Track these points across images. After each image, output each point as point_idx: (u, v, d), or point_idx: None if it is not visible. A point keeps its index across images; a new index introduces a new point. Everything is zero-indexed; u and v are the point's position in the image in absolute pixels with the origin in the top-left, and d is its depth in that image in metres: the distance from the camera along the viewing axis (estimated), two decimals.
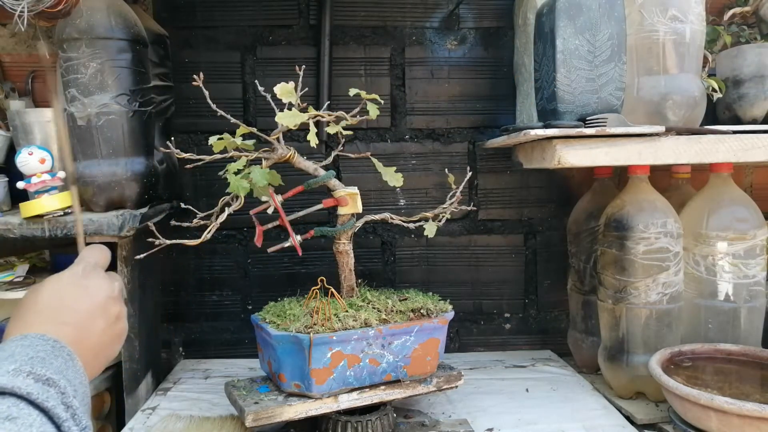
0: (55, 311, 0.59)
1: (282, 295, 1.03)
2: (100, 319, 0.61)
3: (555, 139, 0.92)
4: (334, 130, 0.94)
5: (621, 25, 0.95)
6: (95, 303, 0.62)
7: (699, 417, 0.84)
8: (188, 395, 1.09)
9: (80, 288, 0.62)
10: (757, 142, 0.95)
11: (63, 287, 0.62)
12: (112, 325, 0.63)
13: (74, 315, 0.59)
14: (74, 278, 0.63)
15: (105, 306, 0.63)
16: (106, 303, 0.63)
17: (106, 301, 0.63)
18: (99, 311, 0.62)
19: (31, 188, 0.96)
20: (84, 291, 0.62)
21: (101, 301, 0.62)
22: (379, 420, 0.90)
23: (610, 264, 1.05)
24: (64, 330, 0.56)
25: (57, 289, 0.61)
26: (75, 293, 0.61)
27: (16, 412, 0.44)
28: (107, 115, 0.97)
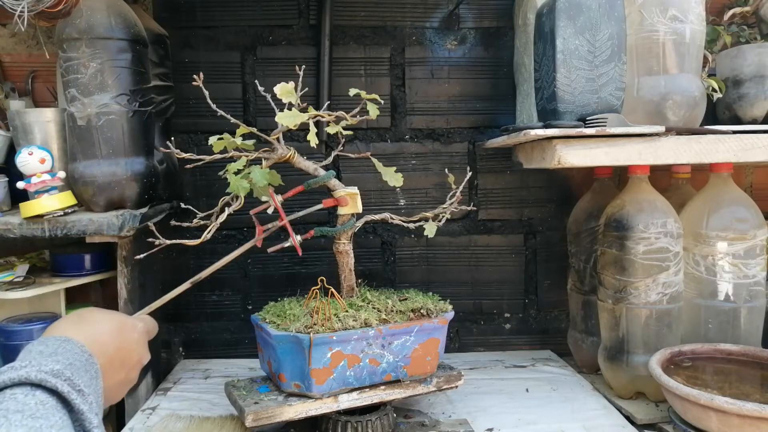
0: (105, 339, 0.65)
1: (282, 295, 1.04)
2: (124, 372, 0.68)
3: (555, 139, 0.92)
4: (334, 130, 0.94)
5: (621, 25, 0.95)
6: (131, 358, 0.69)
7: (699, 417, 0.84)
8: (188, 395, 1.09)
9: (131, 338, 0.70)
10: (757, 142, 0.95)
11: (121, 327, 0.69)
12: (124, 384, 0.70)
13: (113, 354, 0.65)
14: (133, 329, 0.71)
15: (133, 367, 0.70)
16: (136, 365, 0.71)
17: (136, 364, 0.71)
18: (128, 367, 0.69)
19: (31, 188, 0.96)
20: (132, 343, 0.70)
21: (135, 360, 0.70)
22: (379, 420, 0.90)
23: (610, 264, 1.05)
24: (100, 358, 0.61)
25: (115, 324, 0.68)
26: (126, 338, 0.69)
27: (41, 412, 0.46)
28: (107, 115, 0.97)
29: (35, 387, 0.48)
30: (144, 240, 0.94)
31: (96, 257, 1.12)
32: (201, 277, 0.88)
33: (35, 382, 0.48)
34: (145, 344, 0.74)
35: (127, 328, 0.69)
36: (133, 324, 0.72)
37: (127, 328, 0.69)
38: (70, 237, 0.97)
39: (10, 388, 0.48)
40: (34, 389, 0.48)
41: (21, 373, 0.48)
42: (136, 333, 0.71)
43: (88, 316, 0.67)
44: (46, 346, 0.55)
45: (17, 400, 0.46)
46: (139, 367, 0.71)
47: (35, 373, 0.48)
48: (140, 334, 0.72)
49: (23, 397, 0.47)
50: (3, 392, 0.48)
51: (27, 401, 0.46)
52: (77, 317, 0.66)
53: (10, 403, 0.46)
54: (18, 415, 0.44)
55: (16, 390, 0.47)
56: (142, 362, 0.72)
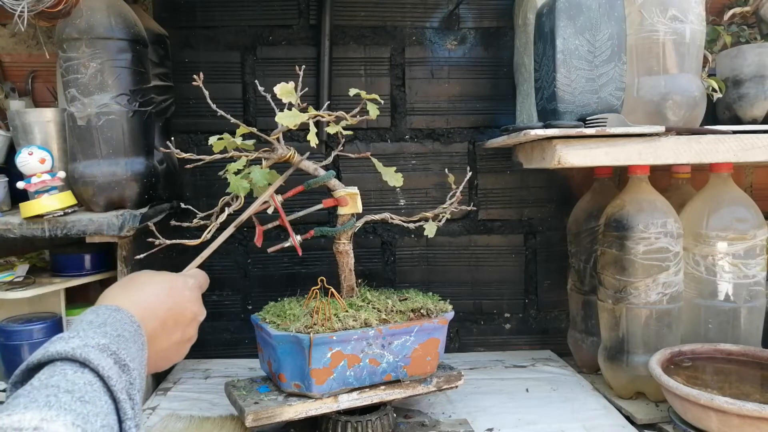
0: (155, 303, 0.64)
1: (282, 295, 1.04)
2: (179, 332, 0.67)
3: (555, 139, 0.92)
4: (334, 130, 0.94)
5: (621, 25, 0.95)
6: (184, 316, 0.67)
7: (699, 417, 0.84)
8: (188, 395, 1.09)
9: (182, 297, 0.68)
10: (757, 142, 0.95)
11: (171, 287, 0.67)
12: (182, 343, 0.68)
13: (165, 315, 0.64)
14: (184, 286, 0.69)
15: (189, 324, 0.68)
16: (191, 323, 0.69)
17: (191, 321, 0.69)
18: (182, 325, 0.67)
19: (31, 188, 0.96)
20: (183, 301, 0.68)
21: (189, 318, 0.68)
22: (379, 420, 0.90)
23: (610, 264, 1.05)
24: (150, 323, 0.61)
25: (165, 285, 0.67)
26: (176, 298, 0.67)
27: (90, 395, 0.45)
28: (107, 115, 0.97)
29: (83, 365, 0.47)
30: (144, 240, 0.94)
31: (96, 257, 1.12)
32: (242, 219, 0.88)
33: (80, 360, 0.47)
34: (199, 299, 0.72)
35: (177, 287, 0.68)
36: (183, 281, 0.70)
37: (178, 287, 0.68)
38: (70, 237, 0.97)
39: (60, 361, 0.48)
40: (83, 367, 0.47)
41: (68, 347, 0.48)
42: (187, 290, 0.70)
43: (137, 280, 0.66)
44: (96, 316, 0.55)
45: (67, 377, 0.46)
46: (196, 324, 0.70)
47: (81, 349, 0.48)
48: (191, 290, 0.71)
49: (72, 375, 0.46)
50: (53, 364, 0.47)
51: (76, 380, 0.46)
52: (127, 283, 0.66)
53: (60, 379, 0.46)
54: (68, 396, 0.44)
55: (66, 366, 0.47)
56: (198, 319, 0.70)
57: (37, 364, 0.48)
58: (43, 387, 0.44)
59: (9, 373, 1.04)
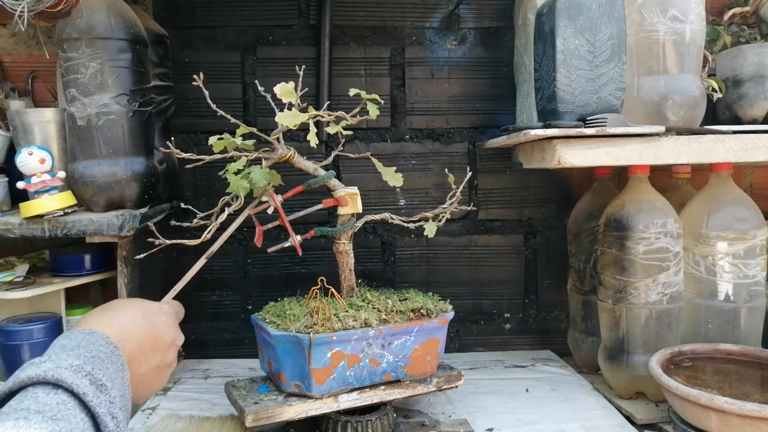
0: (130, 326, 0.64)
1: (282, 295, 1.03)
2: (158, 356, 0.66)
3: (555, 139, 0.92)
4: (334, 130, 0.94)
5: (621, 25, 0.95)
6: (162, 341, 0.67)
7: (699, 417, 0.84)
8: (188, 395, 1.09)
9: (158, 321, 0.68)
10: (757, 142, 0.95)
11: (145, 311, 0.67)
12: (162, 368, 0.68)
13: (142, 339, 0.64)
14: (159, 311, 0.69)
15: (167, 349, 0.68)
16: (169, 348, 0.68)
17: (169, 346, 0.68)
18: (161, 350, 0.67)
19: (31, 188, 0.96)
20: (160, 326, 0.68)
21: (167, 342, 0.68)
22: (379, 420, 0.90)
23: (610, 264, 1.05)
24: (127, 345, 0.61)
25: (139, 309, 0.67)
26: (152, 321, 0.67)
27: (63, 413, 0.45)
28: (107, 115, 0.97)
29: (56, 386, 0.47)
30: (144, 240, 0.94)
31: (96, 257, 1.12)
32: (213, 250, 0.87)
33: (52, 381, 0.47)
34: (176, 325, 0.72)
35: (152, 312, 0.68)
36: (159, 307, 0.70)
37: (153, 312, 0.68)
38: (70, 237, 0.97)
39: (32, 386, 0.47)
40: (55, 388, 0.47)
41: (40, 370, 0.47)
42: (163, 315, 0.69)
43: (112, 306, 0.66)
44: (69, 340, 0.55)
45: (38, 399, 0.45)
46: (174, 349, 0.70)
47: (53, 371, 0.47)
48: (167, 315, 0.70)
49: (44, 396, 0.46)
50: (26, 390, 0.47)
51: (48, 401, 0.45)
52: (100, 310, 0.66)
53: (31, 402, 0.45)
54: (38, 416, 0.43)
55: (38, 389, 0.47)
56: (176, 343, 0.70)
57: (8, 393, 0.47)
58: (13, 412, 0.44)
59: (9, 373, 1.04)
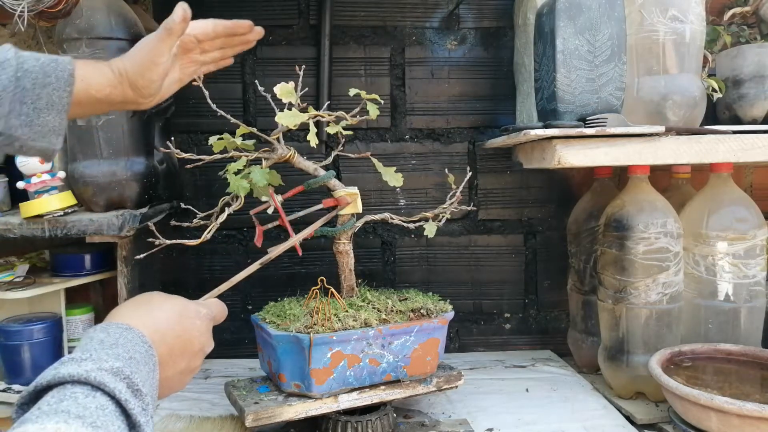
0: (165, 327, 0.62)
1: (282, 295, 1.03)
2: (185, 361, 0.64)
3: (555, 139, 0.92)
4: (334, 130, 0.94)
5: (621, 25, 0.95)
6: (192, 346, 0.65)
7: (699, 417, 0.84)
8: (188, 395, 1.09)
9: (192, 326, 0.65)
10: (757, 142, 0.95)
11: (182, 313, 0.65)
12: (186, 373, 0.66)
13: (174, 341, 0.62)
14: (195, 315, 0.67)
15: (195, 355, 0.66)
16: (197, 354, 0.66)
17: (198, 352, 0.66)
18: (189, 355, 0.65)
19: (31, 188, 0.96)
20: (194, 331, 0.65)
21: (196, 348, 0.66)
22: (379, 420, 0.90)
23: (610, 264, 1.05)
24: (159, 347, 0.59)
25: (176, 310, 0.65)
26: (186, 325, 0.65)
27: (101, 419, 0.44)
28: (107, 115, 0.97)
29: (95, 389, 0.46)
30: (144, 240, 0.94)
31: (96, 257, 1.12)
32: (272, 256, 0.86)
33: (93, 383, 0.46)
34: (209, 331, 0.69)
35: (189, 315, 0.66)
36: (196, 310, 0.68)
37: (190, 315, 0.66)
38: (70, 237, 0.97)
39: (71, 384, 0.46)
40: (94, 390, 0.46)
41: (81, 369, 0.47)
42: (198, 320, 0.67)
43: (149, 301, 0.64)
44: (107, 335, 0.54)
45: (78, 401, 0.45)
46: (202, 355, 0.67)
47: (95, 372, 0.47)
48: (203, 320, 0.68)
49: (83, 399, 0.45)
50: (63, 387, 0.46)
51: (87, 404, 0.45)
52: (137, 303, 0.64)
53: (71, 404, 0.44)
54: (78, 422, 0.43)
55: (77, 389, 0.46)
56: (204, 350, 0.68)
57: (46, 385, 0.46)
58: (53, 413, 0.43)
59: (9, 373, 1.04)
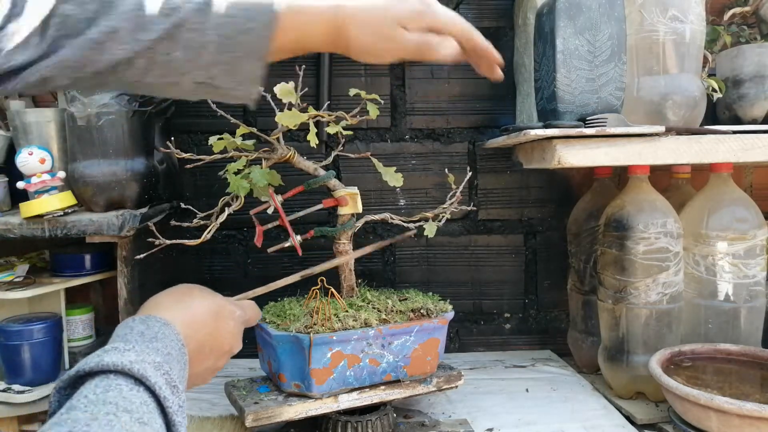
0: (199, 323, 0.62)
1: (282, 295, 1.03)
2: (212, 360, 0.65)
3: (555, 139, 0.92)
4: (334, 130, 0.94)
5: (621, 25, 0.95)
6: (221, 346, 0.66)
7: (699, 417, 0.84)
8: (188, 395, 1.08)
9: (225, 326, 0.66)
10: (757, 142, 0.95)
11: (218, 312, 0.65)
12: (210, 372, 0.66)
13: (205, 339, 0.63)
14: (230, 316, 0.68)
15: (223, 355, 0.67)
16: (225, 354, 0.67)
17: (226, 353, 0.67)
18: (216, 354, 0.65)
19: (31, 188, 0.96)
20: (225, 331, 0.66)
21: (225, 349, 0.66)
22: (379, 420, 0.90)
23: (610, 264, 1.04)
24: (191, 343, 0.59)
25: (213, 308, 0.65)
26: (220, 325, 0.65)
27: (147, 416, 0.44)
28: (107, 115, 0.97)
29: (138, 382, 0.46)
30: (144, 240, 0.94)
31: (96, 257, 1.12)
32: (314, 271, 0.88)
33: (136, 376, 0.46)
34: (240, 333, 0.70)
35: (224, 314, 0.66)
36: (231, 311, 0.68)
37: (225, 315, 0.66)
38: (70, 237, 0.97)
39: (113, 373, 0.46)
40: (138, 384, 0.46)
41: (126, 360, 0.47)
42: (232, 321, 0.68)
43: (188, 296, 0.64)
44: (147, 327, 0.54)
45: (123, 394, 0.45)
46: (229, 355, 0.68)
47: (139, 364, 0.47)
48: (237, 321, 0.68)
49: (128, 392, 0.45)
50: (106, 376, 0.46)
51: (133, 399, 0.45)
52: (176, 295, 0.64)
53: (117, 396, 0.44)
54: (127, 416, 0.43)
55: (121, 380, 0.46)
56: (233, 351, 0.68)
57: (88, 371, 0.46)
58: (101, 403, 0.43)
59: (9, 373, 1.04)
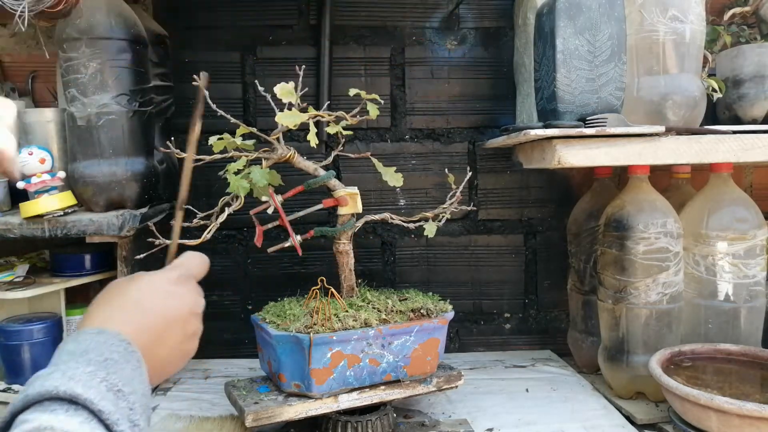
0: (138, 312, 0.57)
1: (282, 295, 1.03)
2: (178, 332, 0.59)
3: (555, 139, 0.92)
4: (334, 130, 0.94)
5: (621, 25, 0.95)
6: (178, 314, 0.59)
7: (699, 417, 0.84)
8: (188, 395, 1.09)
9: (169, 295, 0.60)
10: (757, 142, 0.95)
11: (152, 289, 0.59)
12: (186, 342, 0.61)
13: (155, 321, 0.57)
14: (167, 283, 0.61)
15: (186, 320, 0.60)
16: (188, 317, 0.61)
17: (188, 316, 0.61)
18: (179, 323, 0.59)
19: (31, 188, 0.96)
20: (172, 299, 0.60)
21: (184, 314, 0.60)
22: (379, 420, 0.90)
23: (610, 264, 1.04)
24: (141, 336, 0.54)
25: (146, 289, 0.59)
26: (163, 299, 0.59)
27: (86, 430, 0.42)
28: (107, 115, 0.98)
29: (73, 403, 0.43)
30: (144, 240, 0.94)
31: (96, 257, 1.12)
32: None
33: (64, 397, 0.43)
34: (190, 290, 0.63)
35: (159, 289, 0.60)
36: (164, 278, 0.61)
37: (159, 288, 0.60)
38: (70, 237, 0.97)
39: (48, 401, 0.43)
40: (73, 404, 0.43)
41: (48, 384, 0.44)
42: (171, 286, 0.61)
43: (117, 294, 0.58)
44: (77, 344, 0.50)
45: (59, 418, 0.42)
46: (195, 317, 0.62)
47: (64, 385, 0.44)
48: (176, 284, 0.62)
49: (65, 415, 0.42)
50: (42, 405, 0.43)
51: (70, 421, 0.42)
52: (105, 300, 0.58)
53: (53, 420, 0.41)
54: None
55: (56, 406, 0.43)
56: (195, 311, 0.63)
57: (22, 409, 0.43)
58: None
59: (9, 373, 1.04)
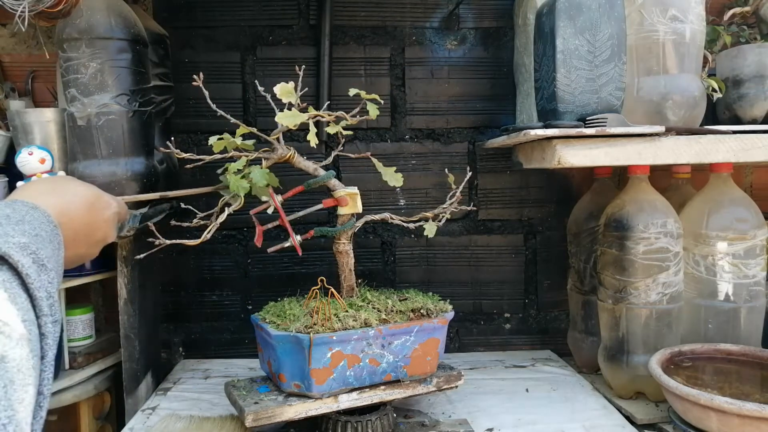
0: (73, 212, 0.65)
1: (282, 295, 1.03)
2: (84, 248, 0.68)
3: (555, 139, 0.92)
4: (334, 130, 0.94)
5: (621, 25, 0.95)
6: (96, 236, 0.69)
7: (699, 417, 0.84)
8: (188, 395, 1.09)
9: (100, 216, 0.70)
10: (757, 142, 0.95)
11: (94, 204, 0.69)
12: (82, 257, 0.69)
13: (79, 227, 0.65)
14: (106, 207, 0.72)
15: (95, 243, 0.70)
16: (98, 243, 0.70)
17: (98, 241, 0.70)
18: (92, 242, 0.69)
19: None
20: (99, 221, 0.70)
21: (100, 238, 0.70)
22: (379, 420, 0.90)
23: (610, 264, 1.05)
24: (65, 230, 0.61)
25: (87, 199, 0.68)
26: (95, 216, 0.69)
27: (10, 291, 0.45)
28: (107, 115, 0.97)
29: (2, 260, 0.47)
30: (144, 240, 0.94)
31: (96, 257, 1.11)
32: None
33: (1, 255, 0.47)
34: (114, 224, 0.74)
35: (100, 205, 0.70)
36: (106, 203, 0.72)
37: (100, 205, 0.70)
38: None
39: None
40: (1, 263, 0.47)
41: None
42: (108, 211, 0.72)
43: (63, 186, 0.67)
44: (13, 210, 0.54)
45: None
46: (102, 244, 0.72)
47: (2, 245, 0.47)
48: (112, 213, 0.72)
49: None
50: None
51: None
52: (51, 184, 0.66)
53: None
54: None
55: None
56: (106, 240, 0.72)
57: None
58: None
59: None
